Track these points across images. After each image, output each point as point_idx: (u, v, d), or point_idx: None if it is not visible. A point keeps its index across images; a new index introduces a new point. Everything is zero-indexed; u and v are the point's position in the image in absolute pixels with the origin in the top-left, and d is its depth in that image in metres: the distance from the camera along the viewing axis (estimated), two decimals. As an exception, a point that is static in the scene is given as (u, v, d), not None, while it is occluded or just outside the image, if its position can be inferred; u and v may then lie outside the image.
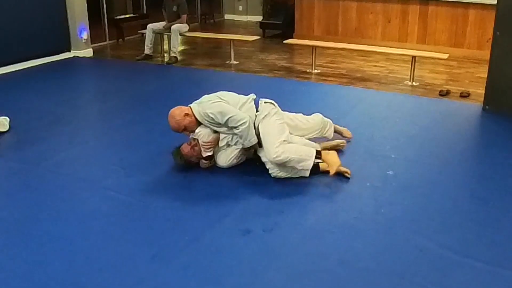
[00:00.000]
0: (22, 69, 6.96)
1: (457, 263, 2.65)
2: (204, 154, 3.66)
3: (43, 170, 3.80)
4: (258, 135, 3.59)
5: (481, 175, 3.74)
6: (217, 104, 3.54)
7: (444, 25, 8.02)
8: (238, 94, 3.78)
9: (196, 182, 3.58)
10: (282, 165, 3.47)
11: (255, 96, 3.73)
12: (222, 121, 3.49)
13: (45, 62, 7.37)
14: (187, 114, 3.57)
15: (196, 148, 3.67)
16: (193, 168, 3.76)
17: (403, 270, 2.59)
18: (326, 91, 6.02)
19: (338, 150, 3.98)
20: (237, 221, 3.06)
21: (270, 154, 3.42)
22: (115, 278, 2.53)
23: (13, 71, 6.82)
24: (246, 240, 2.88)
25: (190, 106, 3.64)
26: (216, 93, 3.68)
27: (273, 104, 3.68)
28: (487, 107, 5.14)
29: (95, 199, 3.36)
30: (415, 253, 2.74)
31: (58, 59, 7.59)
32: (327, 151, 3.67)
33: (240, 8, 12.23)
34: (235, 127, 3.49)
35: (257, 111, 3.63)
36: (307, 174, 3.54)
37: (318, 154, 3.57)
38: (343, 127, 4.30)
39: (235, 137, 3.64)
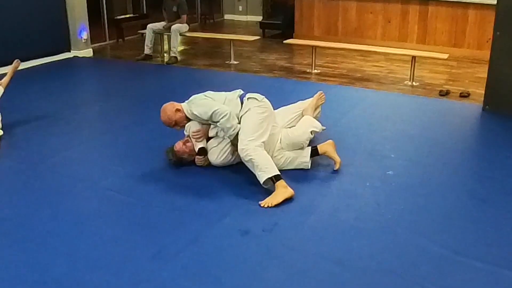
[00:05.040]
0: (22, 69, 6.91)
1: (457, 263, 2.65)
2: (196, 147, 3.69)
3: (43, 170, 3.80)
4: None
5: (481, 175, 3.74)
6: (202, 102, 3.66)
7: (444, 25, 8.02)
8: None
9: (196, 182, 3.59)
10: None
11: (241, 92, 3.77)
12: (207, 117, 3.59)
13: (45, 62, 7.37)
14: (178, 110, 3.69)
15: (188, 144, 3.73)
16: (193, 169, 3.76)
17: (403, 270, 2.59)
18: (326, 91, 5.98)
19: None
20: (237, 221, 3.06)
21: (240, 144, 3.48)
22: (115, 278, 2.53)
23: (13, 71, 6.81)
24: (246, 240, 2.88)
25: (181, 104, 3.75)
26: (203, 93, 3.77)
27: (257, 99, 3.67)
28: (487, 107, 5.14)
29: (95, 199, 3.36)
30: (415, 253, 2.74)
31: (58, 59, 7.59)
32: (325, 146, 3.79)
33: (240, 8, 12.22)
34: (217, 121, 3.56)
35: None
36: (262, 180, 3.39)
37: (277, 178, 3.35)
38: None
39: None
